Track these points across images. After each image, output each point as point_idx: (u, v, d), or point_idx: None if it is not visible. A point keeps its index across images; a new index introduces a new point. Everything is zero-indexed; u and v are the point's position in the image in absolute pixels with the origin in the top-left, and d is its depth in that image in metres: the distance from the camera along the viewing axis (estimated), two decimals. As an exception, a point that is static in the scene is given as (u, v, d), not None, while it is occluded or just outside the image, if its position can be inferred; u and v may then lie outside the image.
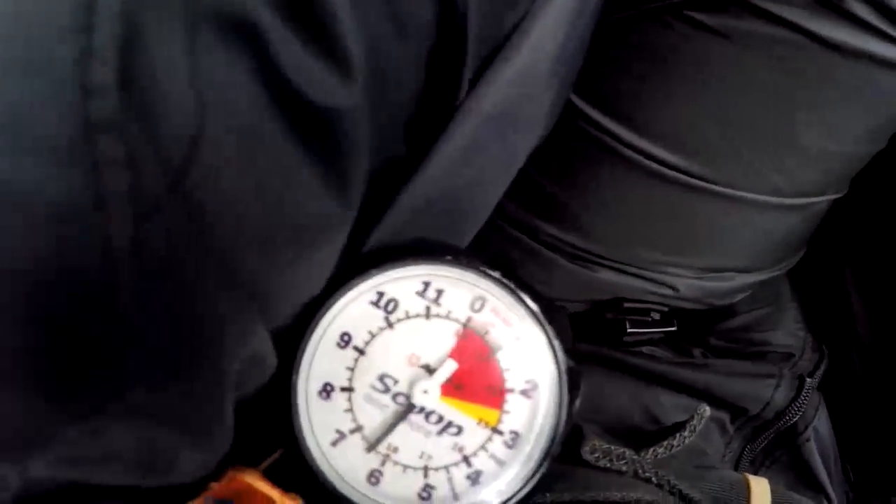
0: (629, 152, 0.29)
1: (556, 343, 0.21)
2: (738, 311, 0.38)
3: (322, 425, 0.21)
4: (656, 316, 0.36)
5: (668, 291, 0.34)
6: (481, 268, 0.21)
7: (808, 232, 0.35)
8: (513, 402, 0.21)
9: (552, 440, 0.21)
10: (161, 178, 0.15)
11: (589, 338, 0.35)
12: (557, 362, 0.21)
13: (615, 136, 0.30)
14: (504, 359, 0.21)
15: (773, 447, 0.35)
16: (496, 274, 0.21)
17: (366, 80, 0.18)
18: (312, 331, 0.21)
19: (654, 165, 0.29)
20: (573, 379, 0.22)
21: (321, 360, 0.21)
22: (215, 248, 0.17)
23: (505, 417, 0.21)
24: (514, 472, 0.22)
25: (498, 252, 0.34)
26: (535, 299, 0.21)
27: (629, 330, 0.35)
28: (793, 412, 0.35)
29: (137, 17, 0.14)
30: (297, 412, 0.21)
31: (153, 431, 0.18)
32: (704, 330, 0.38)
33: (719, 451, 0.35)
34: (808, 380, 0.35)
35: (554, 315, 0.22)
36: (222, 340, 0.18)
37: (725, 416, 0.34)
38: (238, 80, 0.16)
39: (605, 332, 0.35)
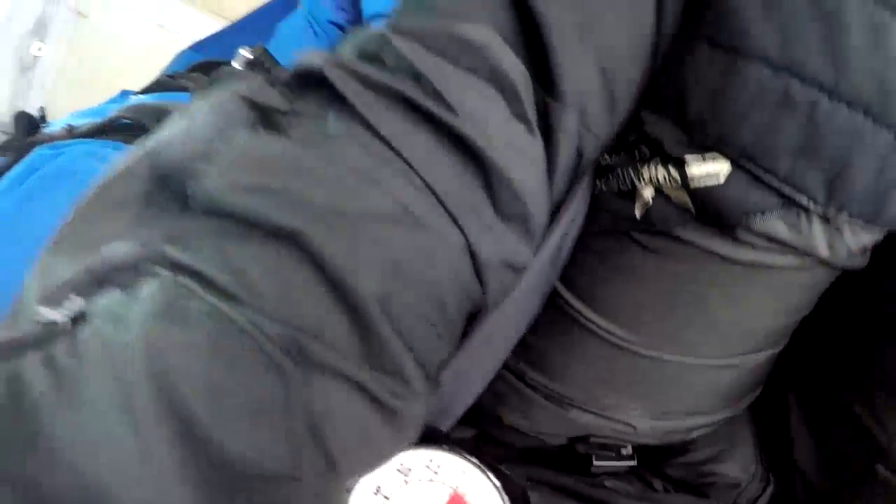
0: (589, 324, 0.38)
1: (509, 505, 0.34)
2: (694, 447, 0.45)
3: (362, 542, 0.34)
4: (628, 450, 0.44)
5: (629, 429, 0.41)
6: (465, 455, 0.34)
7: (758, 377, 0.41)
8: (480, 539, 0.34)
9: (505, 564, 0.34)
10: None
11: (565, 468, 0.44)
12: (510, 518, 0.34)
13: (579, 312, 0.38)
14: (477, 512, 0.34)
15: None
16: (474, 460, 0.34)
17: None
18: (357, 483, 0.34)
19: (607, 335, 0.38)
20: (520, 529, 0.34)
21: (362, 502, 0.34)
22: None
23: (475, 548, 0.34)
24: (479, 581, 0.34)
25: (491, 387, 0.41)
26: (497, 477, 0.34)
27: (595, 462, 0.43)
28: None
29: None
30: (347, 532, 0.34)
31: None
32: (663, 462, 0.45)
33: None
34: (739, 516, 0.43)
35: (510, 486, 0.34)
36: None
37: (672, 540, 0.43)
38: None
39: (577, 463, 0.44)
